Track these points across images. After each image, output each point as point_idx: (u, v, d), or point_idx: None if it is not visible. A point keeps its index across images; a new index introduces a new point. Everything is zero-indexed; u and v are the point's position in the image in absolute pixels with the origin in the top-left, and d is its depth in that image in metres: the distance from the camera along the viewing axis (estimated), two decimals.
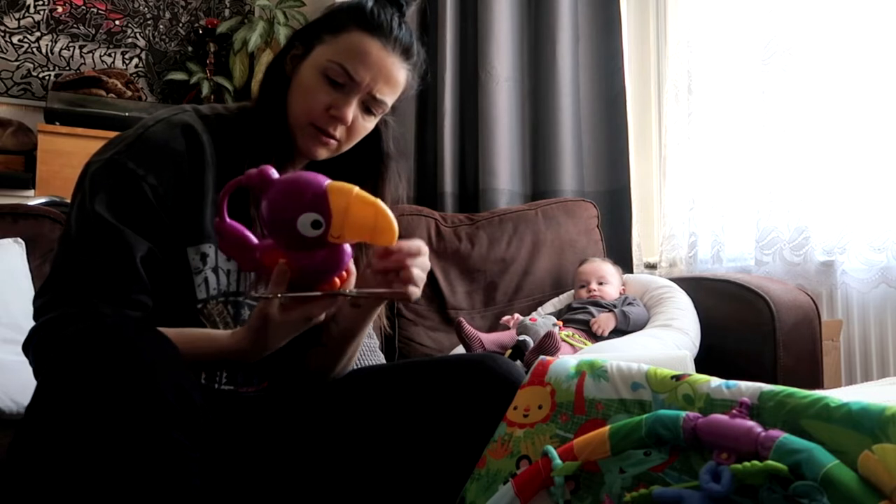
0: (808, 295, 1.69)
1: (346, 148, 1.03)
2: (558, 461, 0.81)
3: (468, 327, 1.71)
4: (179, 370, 0.78)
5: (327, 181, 0.79)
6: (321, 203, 0.77)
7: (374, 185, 1.07)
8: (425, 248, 0.93)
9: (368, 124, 1.03)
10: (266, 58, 2.80)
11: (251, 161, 0.89)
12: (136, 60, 2.86)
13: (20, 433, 0.79)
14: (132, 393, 0.73)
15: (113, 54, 2.83)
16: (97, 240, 0.89)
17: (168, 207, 0.92)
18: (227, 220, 0.82)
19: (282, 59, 1.03)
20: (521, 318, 1.82)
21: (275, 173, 0.79)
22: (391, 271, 0.91)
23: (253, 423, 1.03)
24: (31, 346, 0.89)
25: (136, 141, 0.93)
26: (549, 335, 1.55)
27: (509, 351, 1.62)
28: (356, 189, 0.79)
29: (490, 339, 1.74)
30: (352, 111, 0.98)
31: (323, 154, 1.02)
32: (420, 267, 0.91)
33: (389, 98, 1.02)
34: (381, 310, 1.08)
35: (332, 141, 1.00)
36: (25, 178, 2.36)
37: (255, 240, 0.82)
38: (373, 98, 1.00)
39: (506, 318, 1.89)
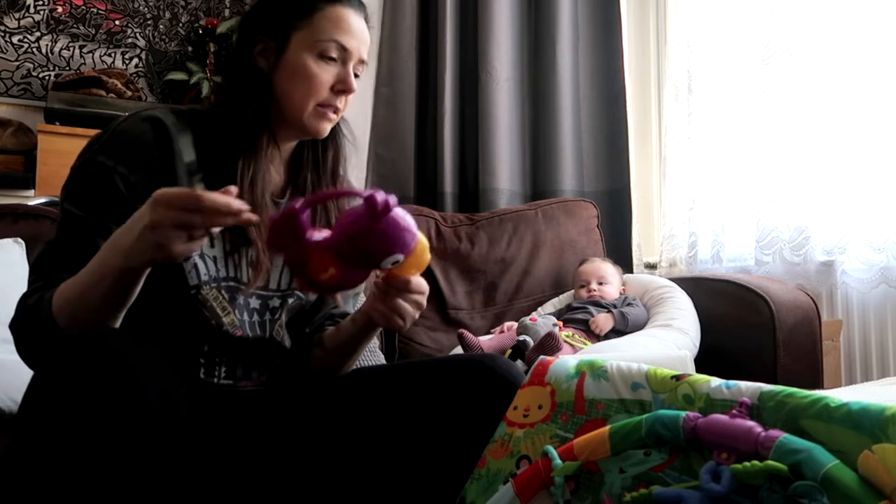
0: (808, 295, 1.69)
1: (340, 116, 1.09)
2: (558, 461, 0.81)
3: (469, 337, 1.71)
4: (164, 376, 0.79)
5: (419, 234, 0.85)
6: (410, 249, 0.84)
7: (331, 143, 1.12)
8: (426, 291, 0.97)
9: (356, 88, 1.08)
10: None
11: (222, 154, 0.99)
12: (136, 60, 2.86)
13: (14, 435, 0.80)
14: (116, 402, 0.74)
15: (113, 54, 2.82)
16: (64, 229, 0.95)
17: (143, 194, 0.91)
18: (305, 211, 0.81)
19: (249, 58, 1.04)
20: (513, 324, 1.82)
21: (397, 207, 0.81)
22: (390, 296, 0.94)
23: (252, 419, 1.04)
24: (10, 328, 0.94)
25: (108, 136, 0.98)
26: (550, 335, 1.55)
27: (509, 351, 1.62)
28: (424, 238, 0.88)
29: (491, 346, 1.74)
30: (352, 81, 1.04)
31: (328, 129, 1.06)
32: (414, 304, 0.95)
33: (366, 57, 1.07)
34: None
35: (335, 114, 1.05)
36: (25, 178, 2.36)
37: (313, 236, 0.83)
38: (360, 62, 1.06)
39: (496, 329, 1.89)
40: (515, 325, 1.80)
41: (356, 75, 1.06)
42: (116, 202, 0.93)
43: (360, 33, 1.04)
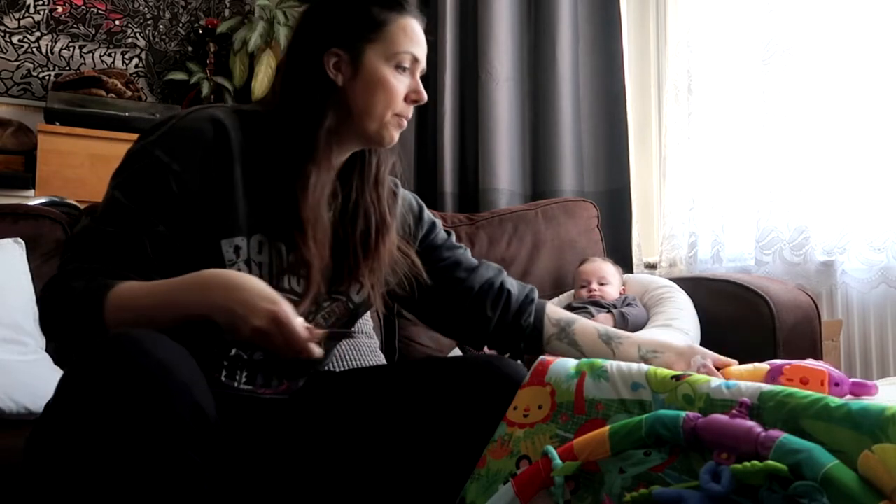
0: (808, 295, 1.69)
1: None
2: (558, 461, 0.81)
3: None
4: (196, 383, 0.79)
5: None
6: None
7: (376, 153, 1.12)
8: None
9: None
10: (266, 58, 2.79)
11: (284, 160, 0.99)
12: (136, 60, 2.86)
13: (38, 433, 0.80)
14: (149, 410, 0.74)
15: (113, 54, 2.83)
16: (110, 215, 0.94)
17: (194, 193, 0.95)
18: None
19: (320, 68, 1.02)
20: None
21: None
22: None
23: (268, 427, 1.04)
24: (38, 301, 0.94)
25: (168, 130, 0.96)
26: None
27: None
28: None
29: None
30: (423, 89, 1.06)
31: (396, 136, 1.07)
32: None
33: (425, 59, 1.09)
34: (379, 311, 1.10)
35: (403, 122, 1.06)
36: (25, 178, 2.36)
37: None
38: (422, 65, 1.07)
39: None
40: None
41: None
42: (166, 200, 0.94)
43: (424, 43, 1.07)
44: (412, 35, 1.04)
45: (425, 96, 1.05)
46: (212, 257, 0.96)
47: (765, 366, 0.97)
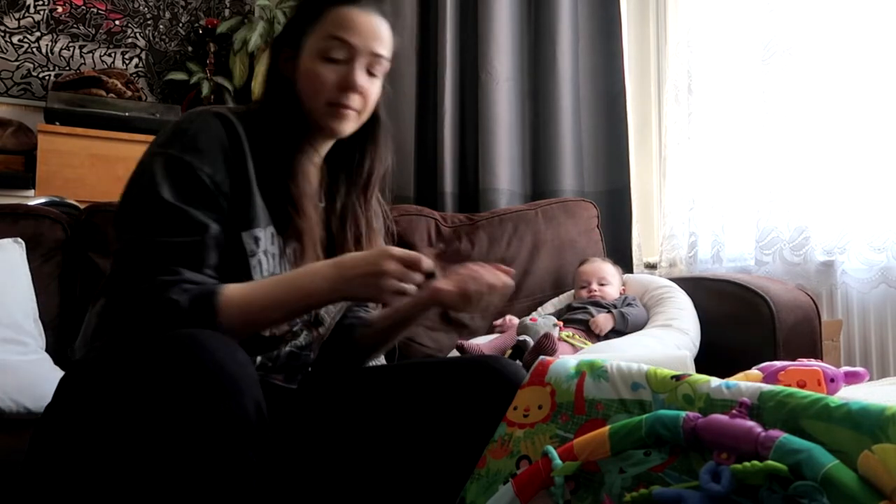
0: (808, 295, 1.69)
1: (366, 115, 1.09)
2: (558, 461, 0.81)
3: (470, 345, 1.72)
4: (256, 383, 0.81)
5: None
6: None
7: (370, 148, 1.14)
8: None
9: (375, 87, 1.08)
10: (266, 58, 2.80)
11: (273, 155, 1.02)
12: (136, 60, 2.86)
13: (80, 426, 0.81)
14: (218, 411, 0.76)
15: (113, 54, 2.83)
16: (169, 222, 0.93)
17: (224, 193, 0.98)
18: None
19: (276, 66, 1.09)
20: (513, 318, 1.82)
21: None
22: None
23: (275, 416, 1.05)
24: (123, 307, 0.92)
25: (182, 135, 0.98)
26: (546, 336, 1.55)
27: (509, 351, 1.62)
28: None
29: (491, 347, 1.74)
30: (359, 76, 1.04)
31: (348, 128, 1.07)
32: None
33: (385, 52, 1.07)
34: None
35: (351, 111, 1.05)
36: (25, 178, 2.36)
37: None
38: (372, 57, 1.05)
39: (496, 322, 1.89)
40: (517, 320, 1.81)
41: (372, 72, 1.06)
42: (208, 197, 0.96)
43: (367, 30, 1.04)
44: (344, 23, 1.03)
45: (356, 83, 1.03)
46: (234, 250, 0.99)
47: (757, 373, 0.98)
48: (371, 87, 1.06)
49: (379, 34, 1.06)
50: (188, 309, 0.88)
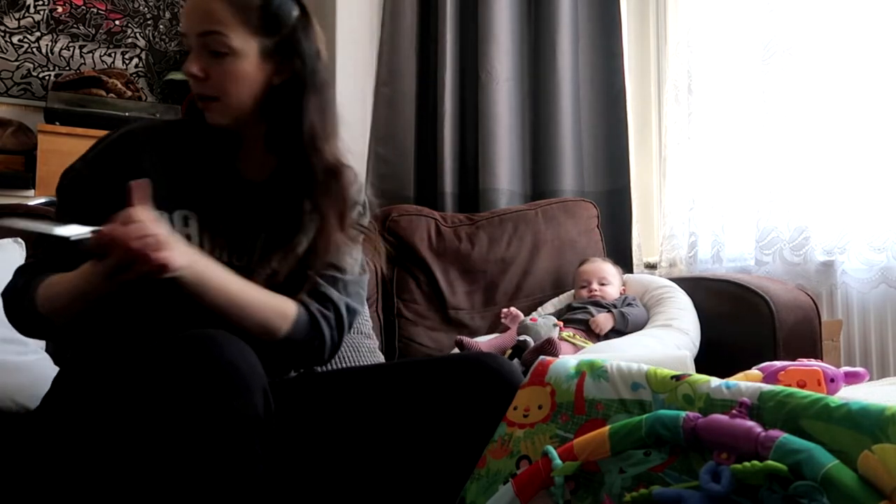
0: (808, 295, 1.69)
1: (234, 102, 1.05)
2: (558, 461, 0.81)
3: (469, 342, 1.72)
4: (264, 381, 0.85)
5: None
6: None
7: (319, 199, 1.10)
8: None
9: (227, 66, 1.02)
10: None
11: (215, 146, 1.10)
12: (136, 60, 2.86)
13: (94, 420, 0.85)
14: (230, 407, 0.80)
15: (113, 54, 2.82)
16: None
17: (102, 188, 1.04)
18: None
19: None
20: (516, 311, 1.82)
21: None
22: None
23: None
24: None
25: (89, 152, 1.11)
26: (549, 341, 1.54)
27: (509, 351, 1.61)
28: None
29: (491, 346, 1.74)
30: (189, 63, 1.03)
31: (214, 117, 1.07)
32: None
33: (214, 26, 1.01)
34: (378, 311, 1.12)
35: (204, 99, 1.05)
36: (25, 178, 2.36)
37: None
38: (203, 37, 1.01)
39: (504, 310, 1.89)
40: (520, 313, 1.81)
41: (214, 52, 1.01)
42: (78, 204, 1.03)
43: (190, 12, 1.03)
44: (182, 14, 1.08)
45: (190, 70, 1.03)
46: None
47: (757, 373, 0.98)
48: (214, 68, 1.02)
49: (201, 11, 1.01)
50: (18, 291, 0.99)
